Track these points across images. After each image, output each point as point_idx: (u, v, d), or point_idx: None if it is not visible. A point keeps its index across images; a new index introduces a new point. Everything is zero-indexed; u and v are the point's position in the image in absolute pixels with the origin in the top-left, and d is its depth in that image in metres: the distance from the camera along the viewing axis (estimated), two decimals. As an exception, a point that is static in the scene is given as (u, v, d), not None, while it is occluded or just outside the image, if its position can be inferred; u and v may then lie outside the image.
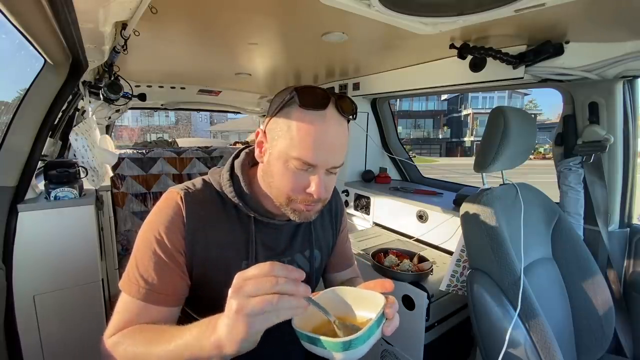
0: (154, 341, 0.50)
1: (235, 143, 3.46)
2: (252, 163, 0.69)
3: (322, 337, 0.42)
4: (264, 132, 0.61)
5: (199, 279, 0.62)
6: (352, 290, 0.54)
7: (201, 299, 0.64)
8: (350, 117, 0.59)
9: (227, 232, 0.64)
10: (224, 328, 0.41)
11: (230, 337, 0.40)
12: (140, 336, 0.53)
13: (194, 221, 0.61)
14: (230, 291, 0.40)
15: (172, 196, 0.62)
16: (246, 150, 0.71)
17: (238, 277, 0.41)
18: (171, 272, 0.59)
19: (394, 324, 0.49)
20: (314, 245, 0.75)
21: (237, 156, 0.69)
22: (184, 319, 0.67)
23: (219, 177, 0.67)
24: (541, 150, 20.02)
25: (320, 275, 0.82)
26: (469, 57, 1.20)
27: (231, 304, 0.40)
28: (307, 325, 0.48)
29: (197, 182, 0.67)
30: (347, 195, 2.06)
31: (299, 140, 0.54)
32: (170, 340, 0.48)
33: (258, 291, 0.39)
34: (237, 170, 0.66)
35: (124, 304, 0.58)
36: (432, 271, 1.21)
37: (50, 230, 1.22)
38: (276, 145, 0.57)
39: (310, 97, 0.54)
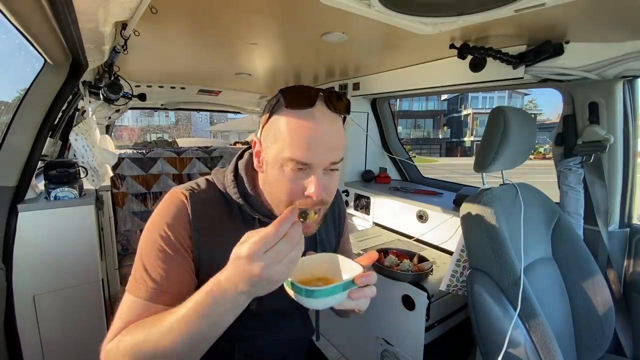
0: (155, 324, 0.49)
1: (235, 143, 3.46)
2: None
3: (296, 284, 0.48)
4: (260, 141, 0.60)
5: (204, 280, 0.61)
6: (343, 259, 0.60)
7: None
8: (343, 113, 0.57)
9: (232, 233, 0.63)
10: (232, 268, 0.45)
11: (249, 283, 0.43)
12: (139, 327, 0.52)
13: (200, 221, 0.60)
14: (247, 256, 0.42)
15: (177, 195, 0.62)
16: (250, 150, 0.70)
17: (252, 244, 0.42)
18: (179, 268, 0.58)
19: (362, 293, 0.51)
20: (318, 246, 0.75)
21: (240, 157, 0.69)
22: None
23: (222, 177, 0.66)
24: (541, 150, 20.02)
25: None
26: (469, 57, 1.20)
27: (253, 268, 0.42)
28: (298, 278, 0.53)
29: (201, 182, 0.66)
30: (347, 195, 2.06)
31: (290, 141, 0.53)
32: (171, 313, 0.48)
33: (279, 256, 0.42)
34: (242, 171, 0.66)
35: (128, 307, 0.56)
36: (432, 271, 1.21)
37: (50, 230, 1.22)
38: (270, 152, 0.57)
39: (294, 95, 0.54)
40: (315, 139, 0.53)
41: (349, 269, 0.57)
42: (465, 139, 26.36)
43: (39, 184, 1.39)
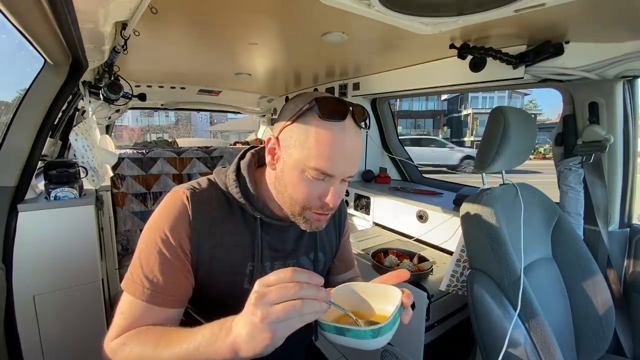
0: (161, 343, 0.49)
1: (235, 143, 3.45)
2: (258, 164, 0.69)
3: (352, 327, 0.45)
4: (277, 138, 0.59)
5: (203, 279, 0.61)
6: (365, 285, 0.57)
7: (205, 300, 0.63)
8: (365, 127, 0.58)
9: (233, 233, 0.63)
10: (245, 333, 0.40)
11: (253, 343, 0.40)
12: (147, 337, 0.52)
13: (200, 221, 0.60)
14: (252, 298, 0.40)
15: (178, 195, 0.61)
16: (252, 150, 0.70)
17: (259, 284, 0.41)
18: (176, 273, 0.58)
19: (409, 314, 0.51)
20: (318, 248, 0.74)
21: (242, 156, 0.69)
22: (186, 320, 0.66)
23: (224, 177, 0.66)
24: (541, 150, 20.01)
25: (323, 278, 0.82)
26: (469, 57, 1.20)
27: (255, 312, 0.39)
28: (327, 318, 0.50)
29: (203, 182, 0.66)
30: (347, 195, 2.06)
31: (318, 151, 0.54)
32: (180, 342, 0.47)
33: (282, 298, 0.39)
34: (244, 171, 0.65)
35: (127, 305, 0.56)
36: (432, 271, 1.21)
37: (50, 230, 1.22)
38: (292, 155, 0.56)
39: (330, 107, 0.54)
40: (342, 153, 0.55)
41: (374, 291, 0.55)
42: (465, 139, 26.33)
43: (39, 184, 1.39)
